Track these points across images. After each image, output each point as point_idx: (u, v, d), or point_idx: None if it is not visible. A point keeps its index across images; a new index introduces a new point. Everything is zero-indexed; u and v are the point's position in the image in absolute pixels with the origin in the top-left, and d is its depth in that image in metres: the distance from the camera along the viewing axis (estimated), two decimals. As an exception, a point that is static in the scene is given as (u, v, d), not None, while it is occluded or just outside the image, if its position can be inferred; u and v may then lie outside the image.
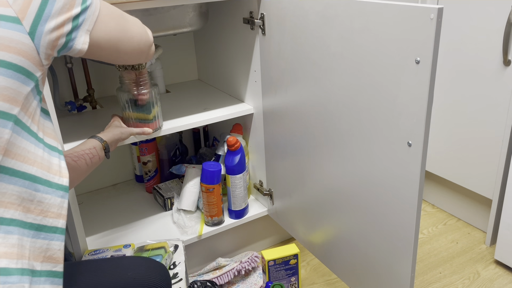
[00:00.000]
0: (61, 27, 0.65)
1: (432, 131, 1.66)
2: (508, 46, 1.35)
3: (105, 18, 0.74)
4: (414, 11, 0.78)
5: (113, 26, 0.76)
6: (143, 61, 0.92)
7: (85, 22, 0.69)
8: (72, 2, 0.67)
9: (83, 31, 0.69)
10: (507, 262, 1.44)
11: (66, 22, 0.66)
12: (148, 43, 0.88)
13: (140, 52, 0.87)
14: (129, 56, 0.85)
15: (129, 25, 0.81)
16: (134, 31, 0.83)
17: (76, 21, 0.68)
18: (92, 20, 0.71)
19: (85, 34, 0.70)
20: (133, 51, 0.84)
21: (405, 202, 0.90)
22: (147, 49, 0.88)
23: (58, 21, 0.64)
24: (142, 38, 0.86)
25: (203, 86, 1.70)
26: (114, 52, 0.79)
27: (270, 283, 1.32)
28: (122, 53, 0.82)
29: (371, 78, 0.91)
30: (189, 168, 1.47)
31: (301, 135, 1.20)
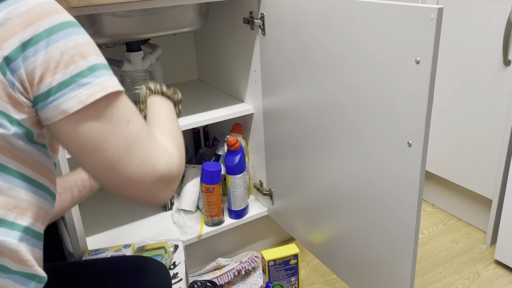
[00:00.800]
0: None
1: (432, 131, 1.66)
2: (508, 46, 1.35)
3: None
4: (414, 11, 0.78)
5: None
6: (140, 199, 0.62)
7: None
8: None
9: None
10: (507, 262, 1.44)
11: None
12: (158, 171, 0.60)
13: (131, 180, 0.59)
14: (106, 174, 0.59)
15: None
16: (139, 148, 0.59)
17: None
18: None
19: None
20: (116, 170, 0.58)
21: (405, 202, 0.90)
22: (153, 179, 0.60)
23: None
24: (144, 160, 0.59)
25: (203, 86, 1.70)
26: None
27: (270, 283, 1.32)
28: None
29: (371, 78, 0.91)
30: (189, 168, 1.47)
31: (301, 135, 1.20)
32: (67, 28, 0.56)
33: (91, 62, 0.57)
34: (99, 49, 0.60)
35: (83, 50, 0.57)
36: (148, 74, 1.19)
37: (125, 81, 1.17)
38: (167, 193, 0.63)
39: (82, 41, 0.57)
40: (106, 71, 0.58)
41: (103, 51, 1.43)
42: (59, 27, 0.56)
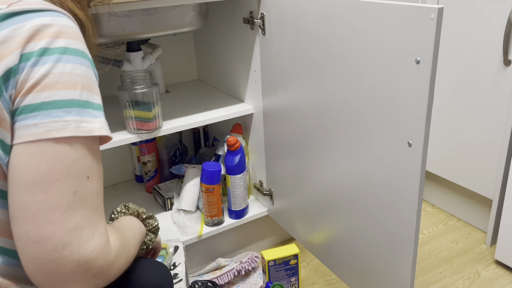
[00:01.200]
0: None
1: (432, 131, 1.66)
2: (508, 46, 1.35)
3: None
4: (414, 11, 0.78)
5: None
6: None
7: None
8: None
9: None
10: (507, 262, 1.44)
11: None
12: (91, 260, 0.49)
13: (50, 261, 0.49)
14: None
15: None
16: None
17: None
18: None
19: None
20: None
21: (405, 202, 0.90)
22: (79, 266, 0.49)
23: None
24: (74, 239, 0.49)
25: (203, 86, 1.70)
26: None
27: (270, 283, 1.31)
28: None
29: (371, 78, 0.91)
30: (189, 168, 1.47)
31: (301, 135, 1.20)
32: (67, 54, 0.52)
33: (74, 96, 0.50)
34: (97, 90, 0.55)
35: (71, 80, 0.51)
36: (148, 74, 1.19)
37: (125, 81, 1.17)
38: (76, 285, 0.49)
39: (77, 72, 0.52)
40: (90, 112, 0.52)
41: (103, 51, 1.43)
42: (58, 50, 0.52)
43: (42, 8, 0.54)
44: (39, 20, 0.52)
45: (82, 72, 0.53)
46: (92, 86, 0.54)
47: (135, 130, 1.21)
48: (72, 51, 0.53)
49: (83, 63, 0.54)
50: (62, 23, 0.54)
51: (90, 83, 0.54)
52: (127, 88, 1.17)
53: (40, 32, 0.51)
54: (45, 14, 0.53)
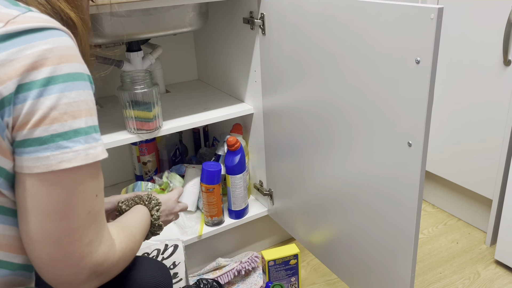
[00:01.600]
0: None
1: (432, 131, 1.66)
2: (508, 46, 1.35)
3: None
4: (414, 11, 0.78)
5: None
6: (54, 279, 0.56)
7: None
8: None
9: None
10: (507, 262, 1.44)
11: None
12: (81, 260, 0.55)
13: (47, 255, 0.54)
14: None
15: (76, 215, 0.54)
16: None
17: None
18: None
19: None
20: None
21: (405, 202, 0.90)
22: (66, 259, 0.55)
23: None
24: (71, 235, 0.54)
25: (203, 86, 1.70)
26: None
27: (270, 283, 1.31)
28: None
29: (371, 78, 0.91)
30: (189, 168, 1.47)
31: (301, 135, 1.20)
32: (70, 81, 0.53)
33: (80, 124, 0.53)
34: (95, 108, 0.56)
35: (77, 109, 0.53)
36: (148, 74, 1.19)
37: (125, 81, 1.17)
38: (87, 285, 0.57)
39: (80, 98, 0.53)
40: (94, 136, 0.54)
41: (103, 51, 1.43)
42: (62, 78, 0.52)
43: (41, 26, 0.52)
44: (39, 45, 0.51)
45: (85, 97, 0.54)
46: (92, 109, 0.56)
47: (135, 130, 1.21)
48: (75, 76, 0.53)
49: (85, 87, 0.55)
50: (62, 45, 0.53)
51: (91, 106, 0.56)
52: (127, 88, 1.17)
53: (41, 60, 0.51)
54: (45, 35, 0.52)
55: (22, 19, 0.52)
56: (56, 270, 0.55)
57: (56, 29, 0.54)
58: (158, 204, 0.88)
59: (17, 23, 0.51)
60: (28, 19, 0.52)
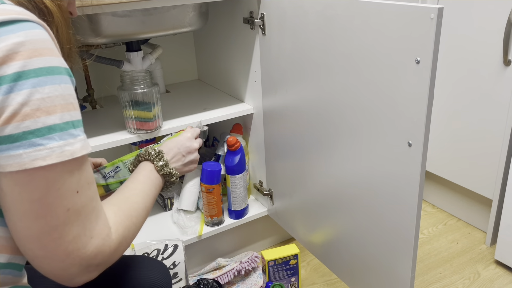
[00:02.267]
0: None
1: (432, 131, 1.66)
2: (508, 46, 1.35)
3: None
4: (414, 11, 0.78)
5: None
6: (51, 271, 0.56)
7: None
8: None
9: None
10: (507, 262, 1.44)
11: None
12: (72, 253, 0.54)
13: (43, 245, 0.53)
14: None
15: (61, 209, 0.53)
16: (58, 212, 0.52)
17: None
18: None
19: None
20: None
21: (405, 202, 0.90)
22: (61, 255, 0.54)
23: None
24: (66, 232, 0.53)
25: (203, 86, 1.70)
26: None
27: (270, 283, 1.31)
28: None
29: (371, 78, 0.91)
30: (189, 168, 1.47)
31: (301, 135, 1.20)
32: (43, 75, 0.50)
33: (54, 121, 0.50)
34: (76, 102, 0.54)
35: (51, 104, 0.50)
36: (148, 74, 1.19)
37: (125, 81, 1.17)
38: (83, 278, 0.56)
39: (55, 93, 0.51)
40: (71, 132, 0.52)
41: (103, 51, 1.43)
42: (34, 72, 0.49)
43: (12, 18, 0.50)
44: (9, 38, 0.49)
45: (61, 92, 0.52)
46: (71, 104, 0.53)
47: (135, 130, 1.21)
48: (49, 70, 0.51)
49: (61, 81, 0.52)
50: (35, 38, 0.51)
51: (69, 101, 0.53)
52: (127, 88, 1.17)
53: (11, 54, 0.48)
54: (16, 28, 0.50)
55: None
56: (44, 265, 0.55)
57: (29, 21, 0.51)
58: (159, 154, 0.86)
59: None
60: (1, 11, 0.50)
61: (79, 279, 0.56)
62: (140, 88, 1.16)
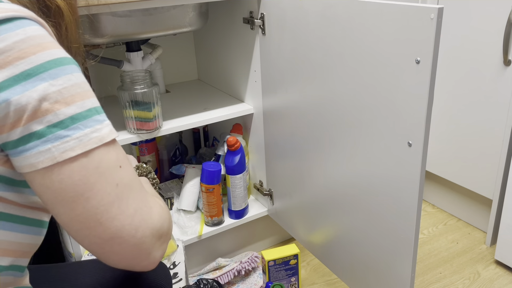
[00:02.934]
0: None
1: (432, 131, 1.66)
2: (508, 46, 1.35)
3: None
4: (414, 11, 0.78)
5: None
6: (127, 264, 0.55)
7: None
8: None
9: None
10: (507, 262, 1.44)
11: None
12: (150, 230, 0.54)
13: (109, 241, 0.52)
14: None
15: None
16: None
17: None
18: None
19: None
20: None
21: (405, 202, 0.90)
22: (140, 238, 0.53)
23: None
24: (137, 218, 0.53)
25: (203, 86, 1.70)
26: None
27: (270, 283, 1.31)
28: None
29: (371, 78, 0.91)
30: (189, 168, 1.47)
31: (301, 135, 1.20)
32: (53, 68, 0.49)
33: (75, 110, 0.50)
34: (90, 89, 0.53)
35: (69, 95, 0.50)
36: (148, 74, 1.19)
37: (125, 81, 1.17)
38: (159, 251, 0.55)
39: (69, 83, 0.50)
40: (95, 118, 0.51)
41: (103, 51, 1.42)
42: (43, 67, 0.49)
43: (9, 16, 0.49)
44: (9, 37, 0.48)
45: (75, 81, 0.51)
46: (87, 91, 0.53)
47: (135, 130, 1.21)
48: (57, 62, 0.50)
49: (72, 70, 0.52)
50: (35, 33, 0.50)
51: (85, 88, 0.52)
52: (127, 88, 1.17)
53: (15, 52, 0.48)
54: (14, 26, 0.49)
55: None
56: (116, 249, 0.52)
57: (26, 19, 0.50)
58: (150, 172, 0.88)
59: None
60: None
61: (156, 254, 0.55)
62: (140, 88, 1.16)
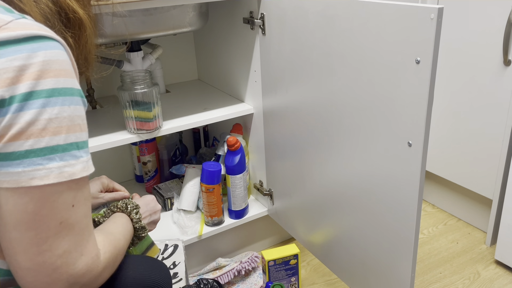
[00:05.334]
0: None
1: (432, 131, 1.66)
2: (508, 46, 1.35)
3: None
4: (414, 11, 0.78)
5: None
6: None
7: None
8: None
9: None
10: (507, 262, 1.44)
11: None
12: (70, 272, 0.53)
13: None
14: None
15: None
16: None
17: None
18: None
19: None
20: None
21: (405, 202, 0.90)
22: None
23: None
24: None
25: (203, 86, 1.70)
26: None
27: (270, 283, 1.31)
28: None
29: (371, 78, 0.91)
30: (189, 168, 1.47)
31: (301, 135, 1.20)
32: (55, 96, 0.50)
33: (58, 141, 0.51)
34: (84, 124, 0.54)
35: (57, 125, 0.51)
36: (148, 74, 1.19)
37: (125, 81, 1.17)
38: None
39: (63, 114, 0.51)
40: (73, 153, 0.52)
41: (103, 51, 1.43)
42: (45, 93, 0.50)
43: (34, 34, 0.50)
44: (29, 57, 0.49)
45: (69, 113, 0.52)
46: (78, 125, 0.54)
47: (135, 130, 1.21)
48: (61, 91, 0.51)
49: (71, 102, 0.53)
50: (54, 58, 0.51)
51: (76, 122, 0.53)
52: (127, 88, 1.17)
53: (26, 73, 0.49)
54: (37, 47, 0.50)
55: (15, 25, 0.50)
56: (28, 278, 0.53)
57: (50, 39, 0.52)
58: (136, 207, 0.84)
59: (9, 30, 0.50)
60: (21, 26, 0.51)
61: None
62: (140, 88, 1.16)
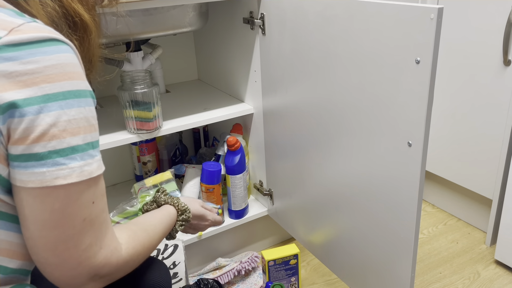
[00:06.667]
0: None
1: (432, 131, 1.66)
2: (508, 46, 1.35)
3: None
4: (414, 11, 0.78)
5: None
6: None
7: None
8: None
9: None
10: (507, 262, 1.44)
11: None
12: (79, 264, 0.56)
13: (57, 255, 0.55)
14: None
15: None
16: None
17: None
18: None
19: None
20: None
21: (405, 202, 0.90)
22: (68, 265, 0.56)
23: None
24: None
25: (203, 86, 1.70)
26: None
27: (270, 283, 1.32)
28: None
29: (371, 78, 0.91)
30: (189, 168, 1.47)
31: (301, 135, 1.20)
32: (71, 98, 0.53)
33: (78, 142, 0.53)
34: (96, 124, 0.57)
35: (76, 126, 0.53)
36: (148, 74, 1.19)
37: (125, 81, 1.17)
38: (94, 285, 0.59)
39: (80, 116, 0.54)
40: (90, 153, 0.55)
41: (106, 54, 1.42)
42: (63, 95, 0.52)
43: (45, 37, 0.52)
44: (42, 60, 0.51)
45: (85, 114, 0.55)
46: (92, 125, 0.56)
47: (135, 130, 1.21)
48: (76, 93, 0.54)
49: (86, 103, 0.55)
50: (66, 61, 0.53)
51: (91, 122, 0.56)
52: (127, 88, 1.17)
53: (43, 76, 0.51)
54: (49, 50, 0.52)
55: (26, 28, 0.52)
56: (55, 273, 0.57)
57: (61, 42, 0.54)
58: (187, 220, 0.88)
59: (21, 32, 0.51)
60: (33, 29, 0.52)
61: (86, 286, 0.58)
62: (140, 88, 1.17)
